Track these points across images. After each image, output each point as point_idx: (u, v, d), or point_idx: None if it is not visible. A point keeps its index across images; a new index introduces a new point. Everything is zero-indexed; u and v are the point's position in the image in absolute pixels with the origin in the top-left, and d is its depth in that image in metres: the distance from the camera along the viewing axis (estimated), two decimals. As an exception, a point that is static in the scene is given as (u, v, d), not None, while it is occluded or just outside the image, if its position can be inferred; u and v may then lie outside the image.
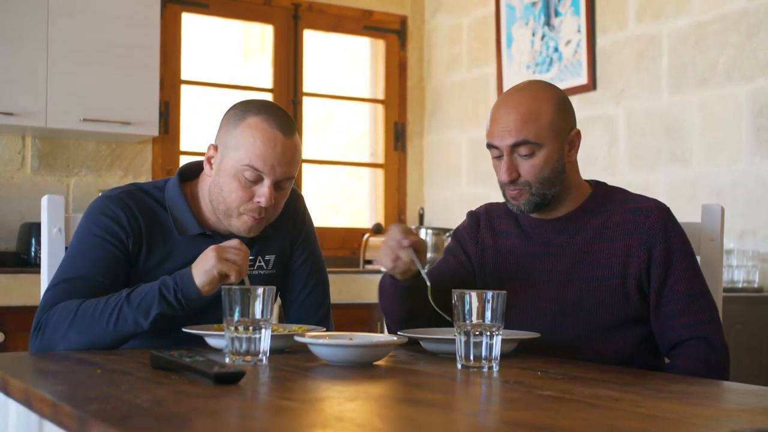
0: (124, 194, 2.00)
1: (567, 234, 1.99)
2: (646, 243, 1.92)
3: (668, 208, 1.98)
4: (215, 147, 1.98)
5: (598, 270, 1.93)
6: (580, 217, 1.99)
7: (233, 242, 1.83)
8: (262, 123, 1.92)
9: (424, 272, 1.86)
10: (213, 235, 2.00)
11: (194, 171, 2.08)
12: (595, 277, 1.93)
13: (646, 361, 1.94)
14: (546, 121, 1.91)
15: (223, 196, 1.94)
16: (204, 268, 1.79)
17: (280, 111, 1.97)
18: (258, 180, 1.92)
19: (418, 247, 1.84)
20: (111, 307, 1.81)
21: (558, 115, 1.93)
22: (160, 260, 1.98)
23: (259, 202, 1.92)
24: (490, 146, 1.95)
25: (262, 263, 2.08)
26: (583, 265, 1.95)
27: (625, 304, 1.92)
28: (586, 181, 2.07)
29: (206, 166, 2.00)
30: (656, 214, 1.94)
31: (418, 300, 1.93)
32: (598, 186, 2.05)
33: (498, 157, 1.95)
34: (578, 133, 1.98)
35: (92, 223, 1.96)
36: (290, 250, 2.14)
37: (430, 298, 1.86)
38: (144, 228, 1.98)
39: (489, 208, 2.13)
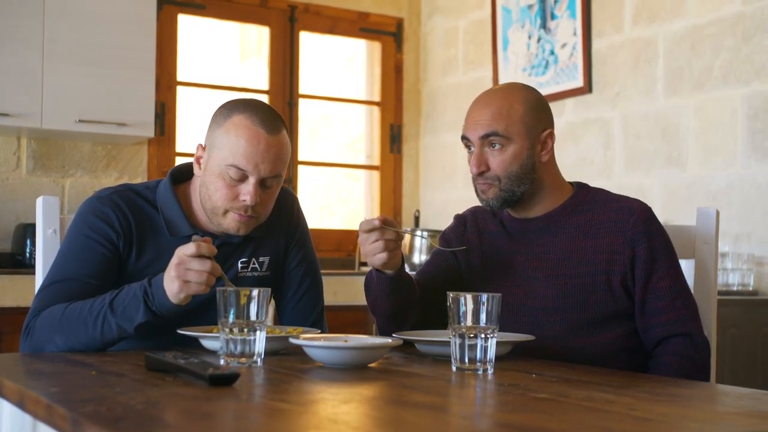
0: (114, 194, 1.99)
1: (550, 233, 2.03)
2: (629, 241, 1.96)
3: (650, 208, 2.03)
4: (203, 147, 1.98)
5: (583, 267, 1.97)
6: (562, 216, 2.03)
7: (188, 251, 1.71)
8: (246, 121, 1.90)
9: (406, 231, 1.93)
10: (206, 235, 1.98)
11: (186, 172, 2.07)
12: (579, 273, 1.97)
13: (633, 357, 1.97)
14: (516, 117, 1.98)
15: (209, 195, 1.93)
16: (173, 292, 1.74)
17: (267, 109, 1.95)
18: (243, 178, 1.90)
19: (389, 222, 1.87)
20: (95, 313, 1.79)
21: (529, 113, 2.00)
22: (151, 261, 1.96)
23: (244, 200, 1.90)
24: (463, 138, 2.03)
25: (256, 265, 2.07)
26: (568, 262, 1.99)
27: (610, 299, 1.95)
28: (570, 183, 2.10)
29: (195, 166, 1.99)
30: (639, 213, 1.98)
31: (406, 292, 1.96)
32: (580, 187, 2.09)
33: (470, 151, 2.02)
34: (551, 134, 2.03)
35: (83, 224, 1.95)
36: (285, 251, 2.13)
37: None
38: (135, 228, 1.96)
39: (475, 211, 2.18)
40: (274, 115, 1.95)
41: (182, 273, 1.72)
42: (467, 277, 2.11)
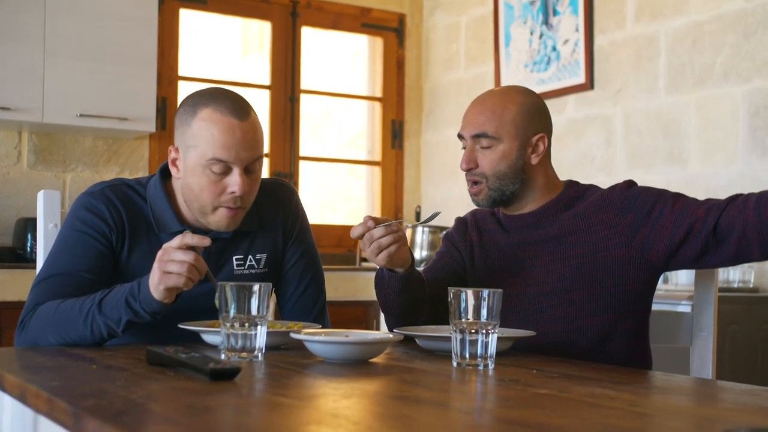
0: (107, 189, 1.98)
1: (542, 227, 2.06)
2: (621, 210, 1.97)
3: (632, 180, 2.05)
4: (176, 149, 1.94)
5: (579, 248, 1.99)
6: (553, 211, 2.06)
7: (174, 243, 1.70)
8: (215, 113, 1.88)
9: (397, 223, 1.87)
10: (195, 232, 1.96)
11: None
12: (575, 255, 1.99)
13: (634, 340, 1.99)
14: (508, 118, 2.02)
15: (195, 195, 1.91)
16: (153, 283, 1.72)
17: (231, 95, 1.92)
18: (227, 171, 1.88)
19: (376, 220, 1.86)
20: (85, 312, 1.78)
21: (521, 116, 2.03)
22: (143, 256, 1.95)
23: (233, 192, 1.88)
24: (459, 136, 2.10)
25: (253, 262, 2.04)
26: (562, 246, 2.01)
27: (614, 274, 1.95)
28: (563, 182, 2.14)
29: (173, 169, 1.96)
30: (621, 185, 2.02)
31: (417, 290, 1.97)
32: (569, 184, 2.12)
33: (464, 148, 2.09)
34: (543, 139, 2.06)
35: (75, 219, 1.94)
36: (283, 247, 2.11)
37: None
38: (127, 223, 1.96)
39: (474, 213, 2.23)
40: (239, 100, 1.93)
41: (163, 264, 1.70)
42: (471, 274, 2.13)
